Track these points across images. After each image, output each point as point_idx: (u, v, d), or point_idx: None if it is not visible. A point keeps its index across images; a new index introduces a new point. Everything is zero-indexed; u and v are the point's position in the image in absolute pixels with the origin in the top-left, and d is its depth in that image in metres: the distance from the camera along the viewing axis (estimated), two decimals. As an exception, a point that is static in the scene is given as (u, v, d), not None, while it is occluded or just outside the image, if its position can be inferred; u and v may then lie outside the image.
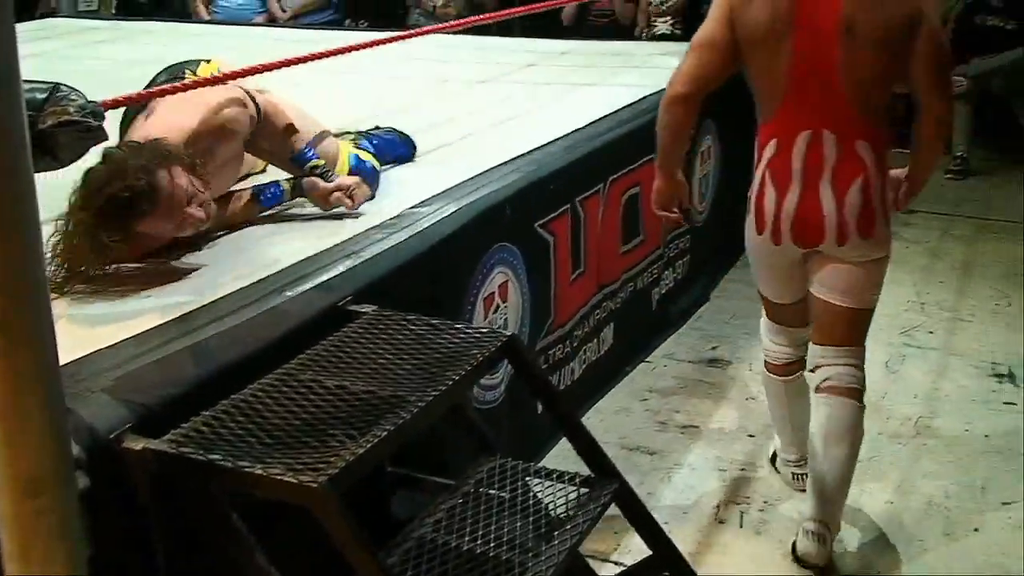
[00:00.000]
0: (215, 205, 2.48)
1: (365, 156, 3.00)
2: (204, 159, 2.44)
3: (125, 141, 2.49)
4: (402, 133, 3.39)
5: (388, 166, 3.17)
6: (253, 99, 2.68)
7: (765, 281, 2.93)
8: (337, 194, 2.75)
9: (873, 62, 2.55)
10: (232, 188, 2.75)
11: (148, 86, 2.79)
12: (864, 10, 2.52)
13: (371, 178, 2.93)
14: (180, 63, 2.87)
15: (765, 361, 3.08)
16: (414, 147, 3.37)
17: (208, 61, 2.87)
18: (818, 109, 2.61)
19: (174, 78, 2.73)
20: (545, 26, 6.48)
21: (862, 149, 2.63)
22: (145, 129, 2.49)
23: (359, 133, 3.25)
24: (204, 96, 2.60)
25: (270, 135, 2.73)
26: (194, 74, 2.75)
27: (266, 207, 2.75)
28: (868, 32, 2.52)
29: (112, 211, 2.21)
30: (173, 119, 2.51)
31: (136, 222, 2.26)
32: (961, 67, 6.70)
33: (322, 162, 2.79)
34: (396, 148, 3.33)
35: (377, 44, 3.39)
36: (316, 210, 2.77)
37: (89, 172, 2.24)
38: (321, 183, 2.75)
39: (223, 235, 2.63)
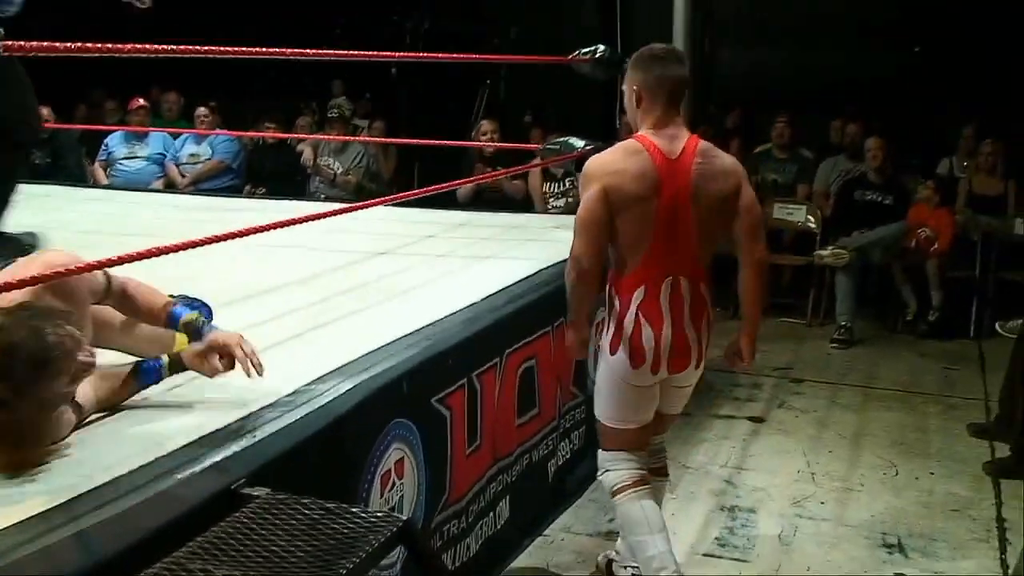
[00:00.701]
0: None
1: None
2: None
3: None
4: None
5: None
6: (105, 274, 2.66)
7: (631, 410, 3.34)
8: (213, 364, 2.60)
9: (712, 221, 3.23)
10: (110, 367, 2.65)
11: None
12: (705, 182, 3.19)
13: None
14: None
15: (620, 486, 3.37)
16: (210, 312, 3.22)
17: None
18: (676, 259, 3.21)
19: None
20: (443, 196, 6.61)
21: (705, 291, 3.28)
22: None
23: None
24: (40, 259, 2.55)
25: (135, 310, 2.72)
26: None
27: (145, 385, 2.64)
28: (709, 198, 3.19)
29: (29, 375, 2.17)
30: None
31: (33, 385, 2.19)
32: (843, 240, 7.00)
33: (195, 315, 2.71)
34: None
35: (284, 225, 3.40)
36: (208, 382, 2.72)
37: None
38: (194, 347, 2.63)
39: (110, 412, 2.58)
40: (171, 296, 3.02)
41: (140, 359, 2.69)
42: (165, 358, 2.64)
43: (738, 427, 5.25)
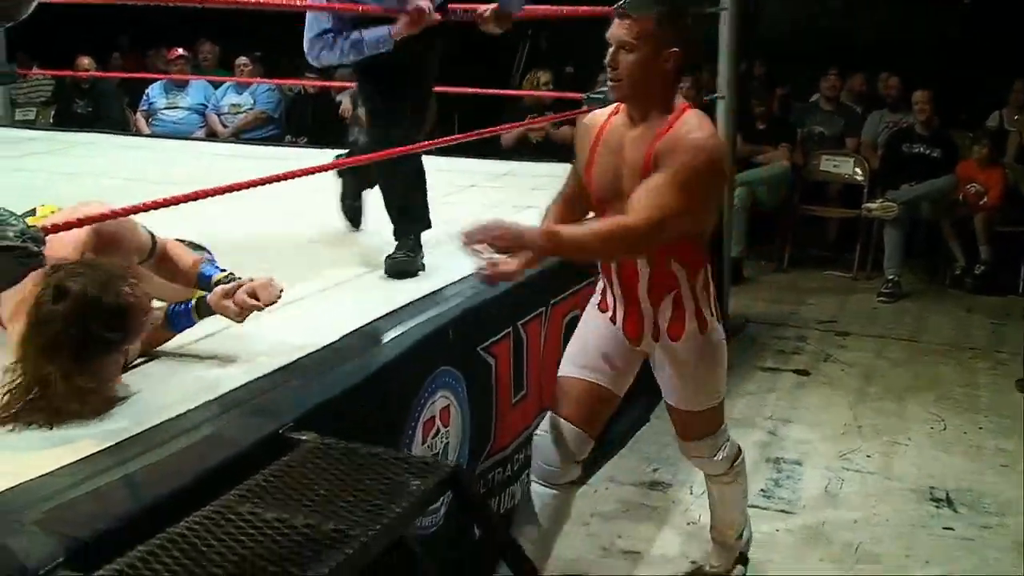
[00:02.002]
0: None
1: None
2: None
3: (57, 265, 2.32)
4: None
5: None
6: (152, 235, 2.67)
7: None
8: (239, 297, 2.57)
9: None
10: None
11: None
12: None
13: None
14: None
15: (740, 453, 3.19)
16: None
17: (42, 206, 2.81)
18: None
19: None
20: (483, 144, 6.55)
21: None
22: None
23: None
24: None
25: (172, 272, 2.71)
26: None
27: (178, 329, 2.65)
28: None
29: (107, 332, 2.19)
30: (66, 237, 2.41)
31: (123, 341, 2.25)
32: (891, 192, 6.90)
33: (225, 273, 2.68)
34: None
35: (319, 170, 3.38)
36: (255, 332, 2.72)
37: (44, 309, 2.18)
38: (219, 289, 2.61)
39: (158, 359, 2.58)
40: (196, 246, 3.03)
41: (168, 305, 2.68)
42: (193, 302, 2.64)
43: (783, 380, 5.19)
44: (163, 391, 2.38)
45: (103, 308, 2.18)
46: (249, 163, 5.63)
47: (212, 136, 7.72)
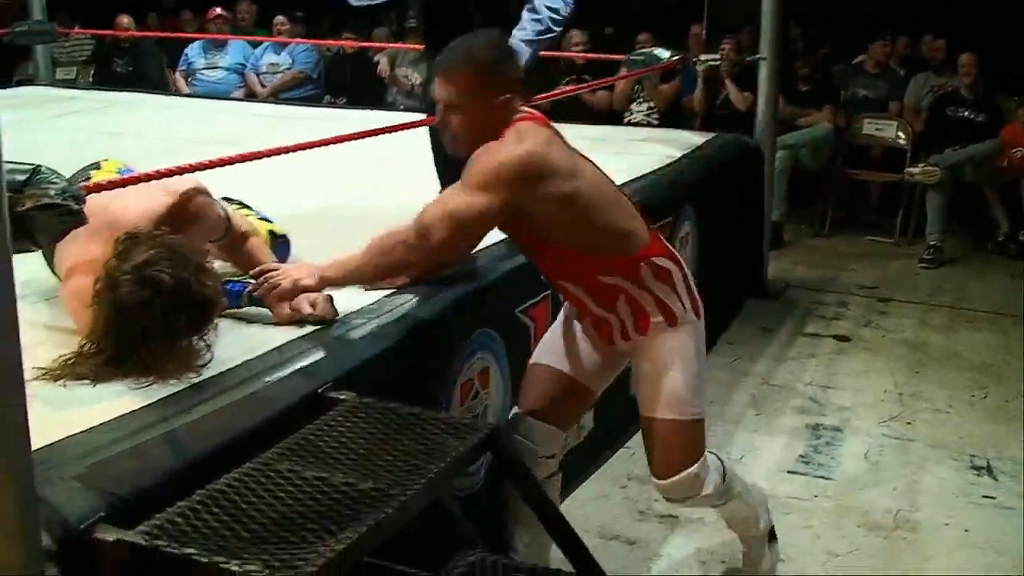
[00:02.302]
0: None
1: (276, 229, 3.04)
2: None
3: (133, 235, 2.29)
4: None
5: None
6: (227, 218, 2.67)
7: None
8: (299, 304, 2.54)
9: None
10: None
11: None
12: None
13: (283, 251, 3.00)
14: (81, 169, 2.74)
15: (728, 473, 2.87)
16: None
17: (106, 160, 2.80)
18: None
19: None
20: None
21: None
22: (111, 213, 2.41)
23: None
24: (168, 183, 2.55)
25: (243, 262, 2.72)
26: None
27: (226, 306, 2.55)
28: None
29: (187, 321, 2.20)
30: (140, 204, 2.45)
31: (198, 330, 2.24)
32: (935, 157, 6.81)
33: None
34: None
35: (361, 136, 3.37)
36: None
37: (130, 293, 2.16)
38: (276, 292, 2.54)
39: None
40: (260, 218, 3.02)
41: (226, 279, 2.64)
42: (249, 286, 2.60)
43: (824, 345, 5.15)
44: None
45: (191, 303, 2.18)
46: (287, 123, 5.63)
47: (251, 96, 7.72)
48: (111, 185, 2.29)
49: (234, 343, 2.40)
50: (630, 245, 2.60)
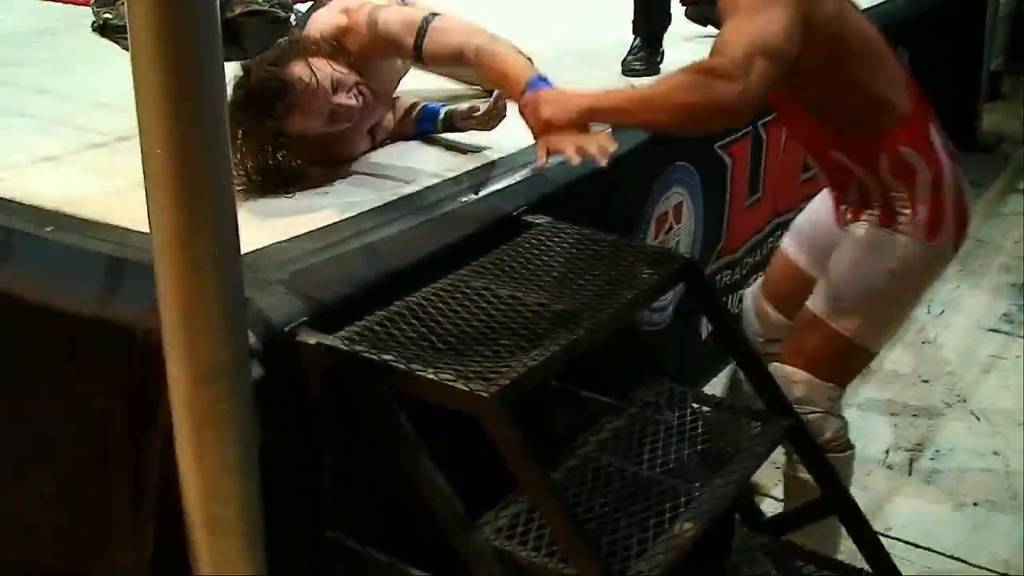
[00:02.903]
0: (374, 96, 2.33)
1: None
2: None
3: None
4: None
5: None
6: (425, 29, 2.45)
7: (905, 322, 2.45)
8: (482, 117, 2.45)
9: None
10: (407, 99, 2.62)
11: None
12: None
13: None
14: None
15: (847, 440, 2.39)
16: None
17: None
18: None
19: None
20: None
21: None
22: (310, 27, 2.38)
23: None
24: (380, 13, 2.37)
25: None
26: None
27: (422, 130, 2.59)
28: None
29: (253, 116, 2.14)
30: (320, 27, 2.36)
31: (281, 122, 2.17)
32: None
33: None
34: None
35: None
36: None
37: (232, 85, 2.14)
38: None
39: (401, 142, 2.59)
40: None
41: (425, 102, 2.62)
42: (443, 111, 2.56)
43: (1036, 204, 4.89)
44: (403, 171, 2.39)
45: (258, 92, 2.13)
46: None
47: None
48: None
49: (430, 163, 2.42)
50: (876, 121, 2.19)
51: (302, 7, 2.52)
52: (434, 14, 2.31)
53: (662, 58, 3.25)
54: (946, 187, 2.21)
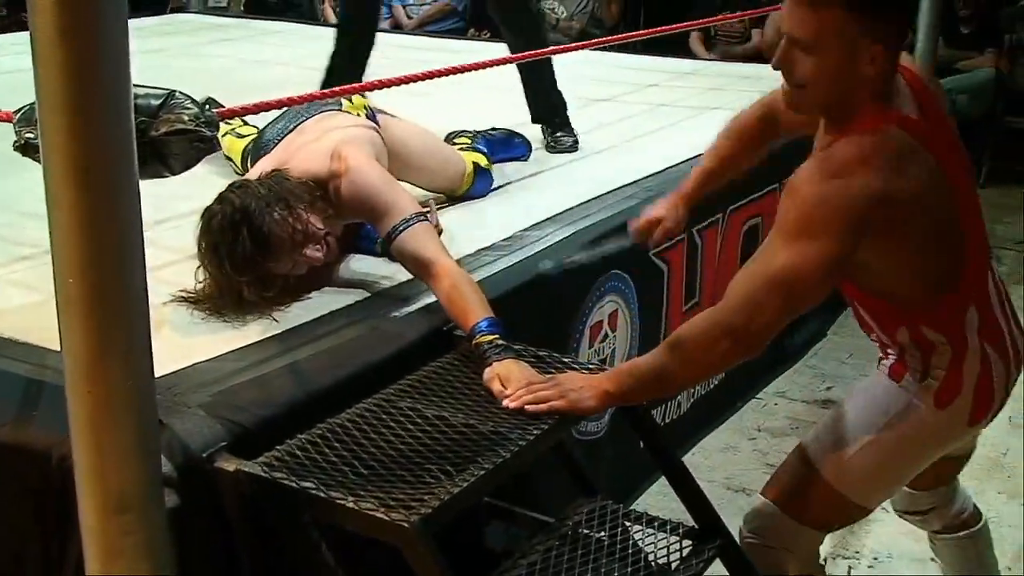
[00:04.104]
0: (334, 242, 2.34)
1: (481, 161, 3.06)
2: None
3: (246, 178, 2.36)
4: (518, 134, 3.46)
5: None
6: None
7: (906, 480, 2.18)
8: None
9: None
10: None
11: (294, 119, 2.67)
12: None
13: (483, 184, 3.01)
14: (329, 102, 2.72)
15: None
16: (529, 147, 3.47)
17: (352, 99, 2.78)
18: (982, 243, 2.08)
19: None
20: (671, 41, 6.33)
21: None
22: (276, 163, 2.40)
23: (476, 133, 3.28)
24: (342, 150, 2.39)
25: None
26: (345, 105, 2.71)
27: (356, 251, 2.58)
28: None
29: (238, 258, 2.14)
30: (306, 166, 2.38)
31: (257, 267, 2.17)
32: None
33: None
34: (511, 148, 3.39)
35: (504, 63, 3.33)
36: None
37: (207, 213, 2.18)
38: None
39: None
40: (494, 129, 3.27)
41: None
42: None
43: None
44: (333, 283, 2.38)
45: (250, 228, 2.13)
46: (431, 55, 5.61)
47: (396, 28, 7.72)
48: (244, 111, 2.29)
49: (361, 277, 2.40)
50: (903, 295, 1.96)
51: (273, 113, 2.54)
52: (422, 214, 2.30)
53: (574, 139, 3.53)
54: (967, 366, 1.98)
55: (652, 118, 4.15)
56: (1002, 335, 2.02)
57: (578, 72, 4.78)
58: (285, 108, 2.60)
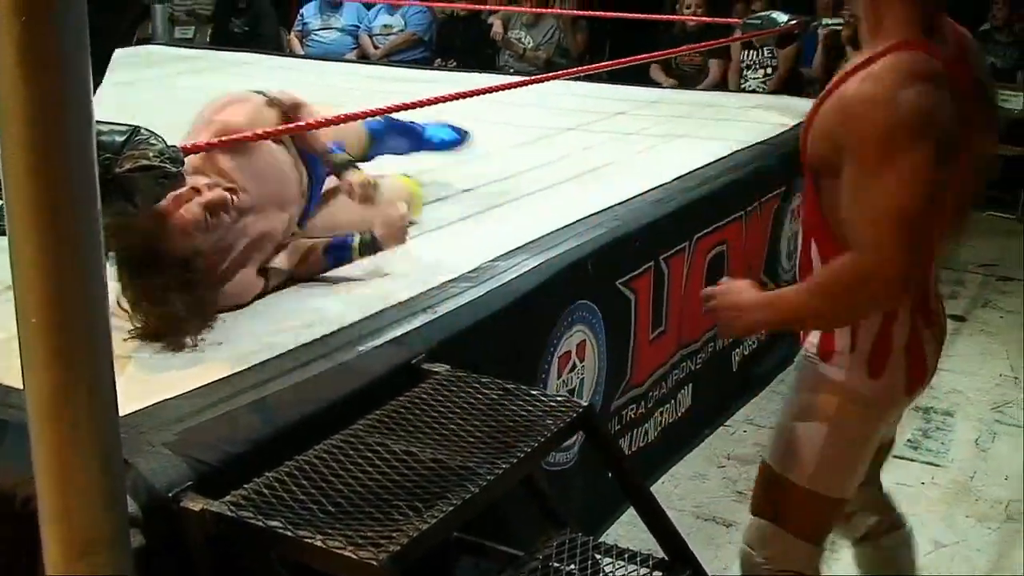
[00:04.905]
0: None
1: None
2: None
3: None
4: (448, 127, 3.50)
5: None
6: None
7: (863, 466, 2.15)
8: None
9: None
10: (306, 239, 2.63)
11: None
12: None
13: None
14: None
15: None
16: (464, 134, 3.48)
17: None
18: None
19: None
20: (636, 74, 6.38)
21: None
22: None
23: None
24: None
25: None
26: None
27: (331, 266, 2.60)
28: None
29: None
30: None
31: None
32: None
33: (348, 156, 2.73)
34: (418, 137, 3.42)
35: (472, 95, 3.35)
36: (390, 260, 2.68)
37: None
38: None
39: (292, 285, 2.57)
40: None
41: (333, 239, 2.62)
42: (357, 237, 2.58)
43: (937, 325, 4.97)
44: (297, 317, 2.37)
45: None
46: (397, 85, 5.62)
47: (363, 58, 7.73)
48: (209, 146, 2.29)
49: (324, 310, 2.39)
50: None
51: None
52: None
53: None
54: (896, 329, 2.02)
55: (619, 146, 4.17)
56: (928, 303, 2.07)
57: (546, 102, 4.82)
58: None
